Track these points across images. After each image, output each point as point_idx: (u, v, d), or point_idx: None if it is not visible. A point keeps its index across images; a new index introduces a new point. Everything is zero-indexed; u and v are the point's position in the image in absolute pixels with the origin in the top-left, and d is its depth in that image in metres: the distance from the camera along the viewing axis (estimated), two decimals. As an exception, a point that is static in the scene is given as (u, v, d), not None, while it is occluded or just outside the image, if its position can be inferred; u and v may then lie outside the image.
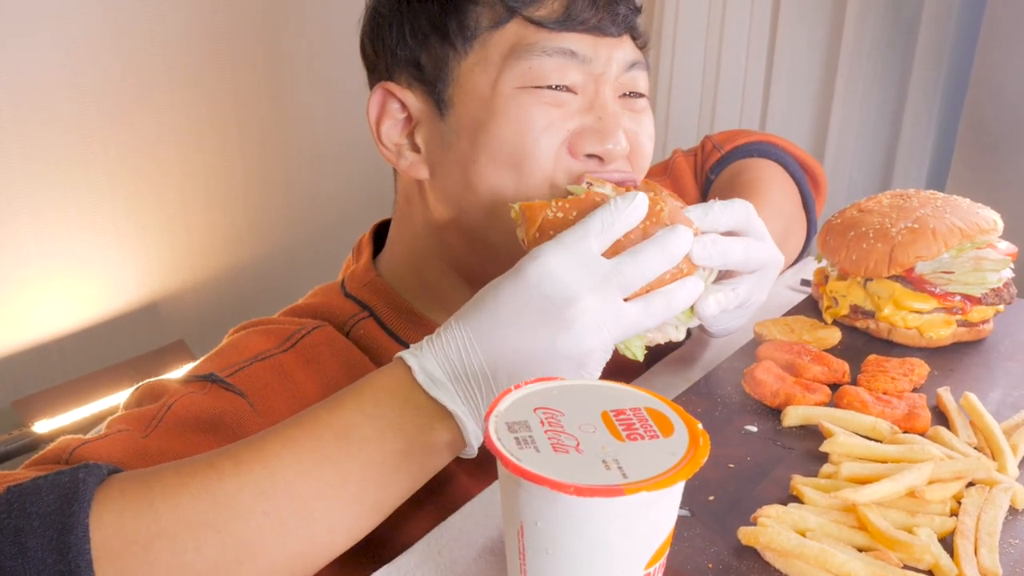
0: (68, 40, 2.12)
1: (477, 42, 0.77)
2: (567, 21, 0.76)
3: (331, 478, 0.59)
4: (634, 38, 0.83)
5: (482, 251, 0.83)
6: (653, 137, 0.84)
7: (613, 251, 0.66)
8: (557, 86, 0.77)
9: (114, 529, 0.54)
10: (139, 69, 2.27)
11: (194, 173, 2.47)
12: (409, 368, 0.63)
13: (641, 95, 0.83)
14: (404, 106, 0.83)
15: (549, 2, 0.77)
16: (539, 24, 0.76)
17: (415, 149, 0.83)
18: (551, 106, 0.77)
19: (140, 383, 0.76)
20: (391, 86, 0.82)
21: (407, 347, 0.79)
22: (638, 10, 0.82)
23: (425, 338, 0.64)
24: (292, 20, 2.58)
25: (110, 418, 0.71)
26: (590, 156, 0.78)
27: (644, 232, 0.67)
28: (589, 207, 0.67)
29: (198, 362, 0.79)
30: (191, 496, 0.56)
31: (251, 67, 2.53)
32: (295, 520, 0.58)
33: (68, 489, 0.54)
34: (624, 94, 0.81)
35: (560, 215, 0.67)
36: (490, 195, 0.79)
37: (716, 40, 2.61)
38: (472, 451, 0.65)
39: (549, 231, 0.67)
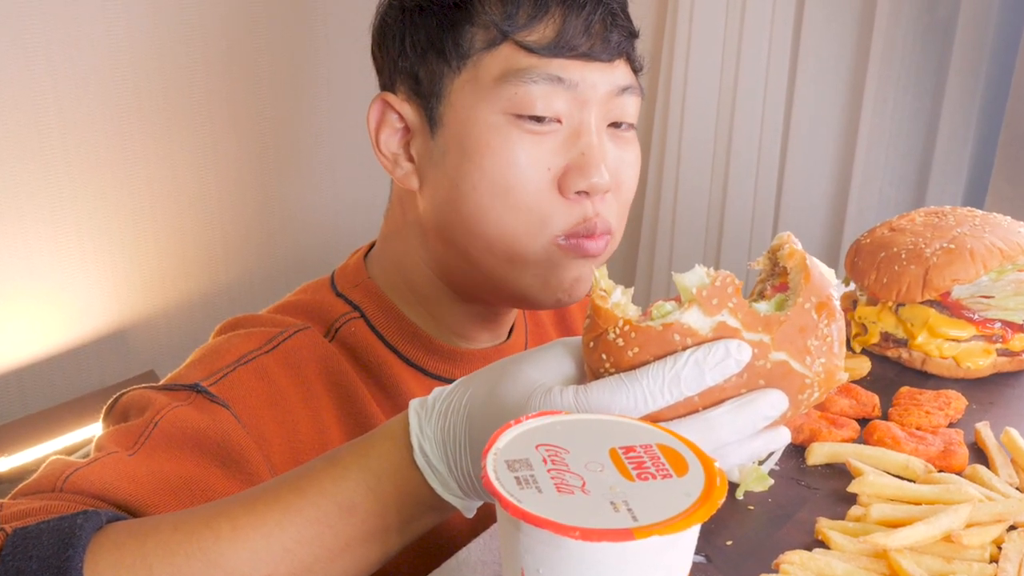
0: (26, 44, 2.13)
1: (470, 61, 0.84)
2: (558, 47, 0.81)
3: (332, 545, 0.63)
4: (630, 61, 0.88)
5: (464, 263, 0.89)
6: (638, 167, 0.89)
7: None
8: (542, 118, 0.82)
9: None
10: (103, 77, 2.28)
11: (165, 190, 2.47)
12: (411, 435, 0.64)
13: (630, 125, 0.88)
14: (402, 117, 0.89)
15: (541, 27, 0.82)
16: (529, 50, 0.81)
17: (410, 159, 0.90)
18: (535, 140, 0.82)
19: (119, 394, 0.81)
20: (390, 97, 0.89)
21: (394, 351, 0.92)
22: (634, 35, 0.87)
23: (435, 391, 0.65)
24: (268, 37, 2.60)
25: (97, 438, 0.76)
26: (578, 193, 0.83)
27: (736, 386, 0.60)
28: (654, 350, 0.59)
29: (182, 367, 0.85)
30: (186, 556, 0.61)
31: (225, 80, 2.54)
32: None
33: (66, 535, 0.61)
34: (612, 123, 0.86)
35: (620, 343, 0.59)
36: (472, 216, 0.85)
37: (735, 42, 2.61)
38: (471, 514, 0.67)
39: (600, 354, 0.60)
